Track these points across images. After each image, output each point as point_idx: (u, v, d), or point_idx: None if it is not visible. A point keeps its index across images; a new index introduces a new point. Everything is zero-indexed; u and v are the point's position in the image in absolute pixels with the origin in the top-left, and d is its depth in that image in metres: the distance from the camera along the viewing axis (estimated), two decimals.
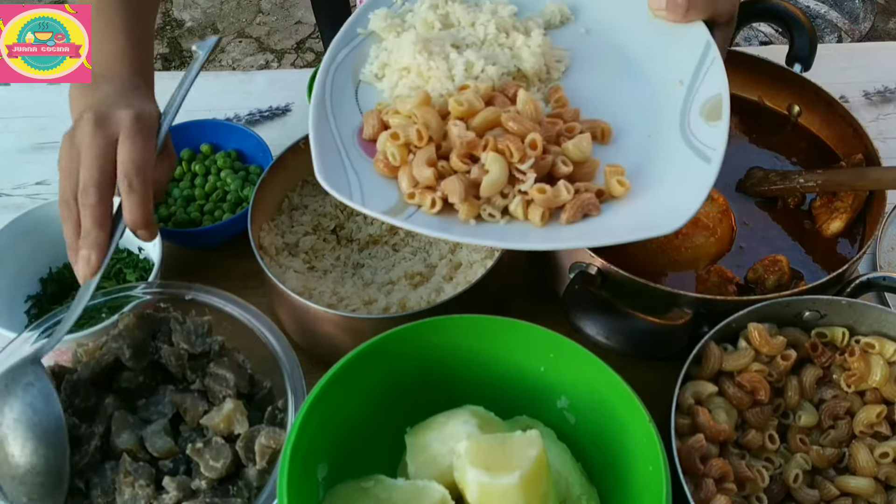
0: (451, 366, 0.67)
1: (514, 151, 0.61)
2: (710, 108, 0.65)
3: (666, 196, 0.61)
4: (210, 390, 0.67)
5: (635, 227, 0.59)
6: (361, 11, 0.74)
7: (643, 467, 0.59)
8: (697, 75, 0.67)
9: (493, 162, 0.61)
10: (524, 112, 0.65)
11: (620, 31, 0.74)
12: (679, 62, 0.69)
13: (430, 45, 0.69)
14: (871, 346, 0.69)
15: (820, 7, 2.22)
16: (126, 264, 0.86)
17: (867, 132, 0.85)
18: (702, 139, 0.64)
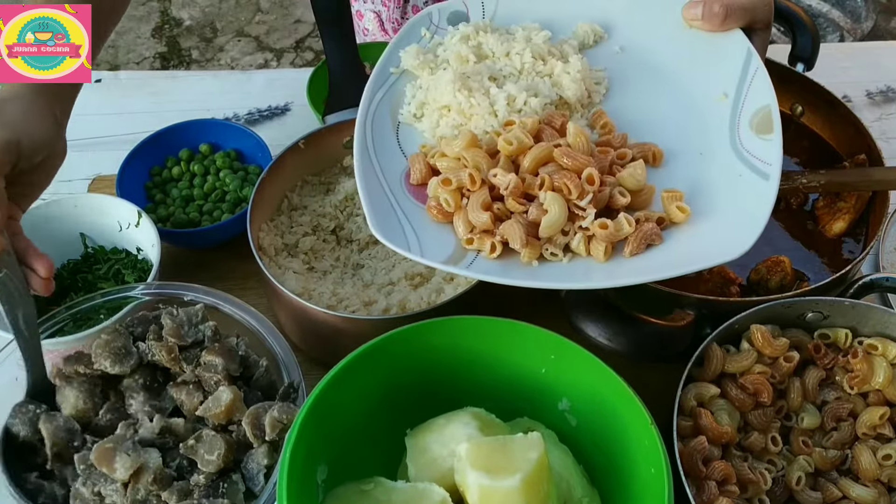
0: (451, 367, 0.66)
1: (571, 189, 0.60)
2: (760, 120, 0.63)
3: (728, 218, 0.60)
4: (202, 379, 0.67)
5: (701, 254, 0.58)
6: (391, 50, 0.73)
7: (645, 469, 0.58)
8: (742, 86, 0.65)
9: (553, 201, 0.60)
10: (575, 145, 0.63)
11: (656, 46, 0.72)
12: (721, 74, 0.67)
13: (468, 81, 0.67)
14: (874, 347, 0.69)
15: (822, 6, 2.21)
16: (125, 265, 0.85)
17: (870, 132, 0.84)
18: (756, 154, 0.62)
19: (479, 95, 0.67)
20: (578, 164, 0.61)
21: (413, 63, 0.71)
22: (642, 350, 0.71)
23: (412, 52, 0.72)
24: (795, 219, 0.84)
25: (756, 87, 0.64)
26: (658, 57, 0.71)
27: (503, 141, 0.64)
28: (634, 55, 0.73)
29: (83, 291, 0.83)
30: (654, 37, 0.72)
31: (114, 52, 2.60)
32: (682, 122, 0.67)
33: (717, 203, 0.61)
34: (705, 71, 0.68)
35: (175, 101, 1.10)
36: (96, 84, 1.12)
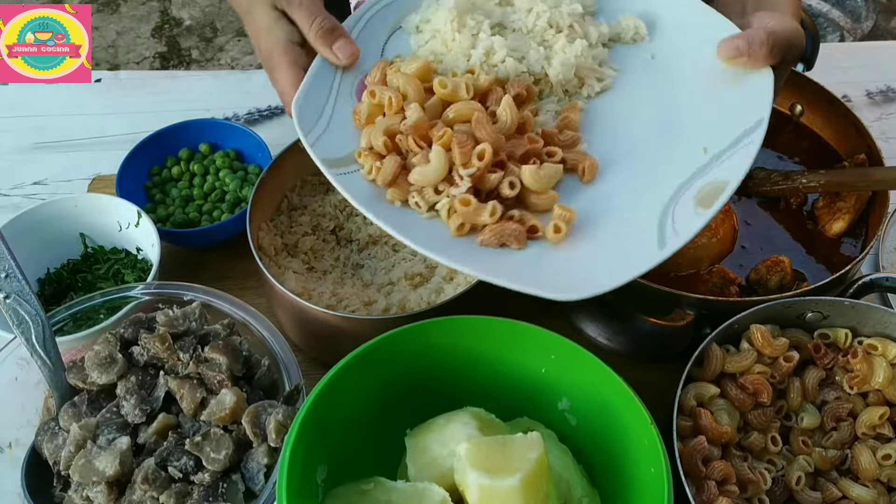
0: (451, 367, 0.66)
1: (458, 154, 0.58)
2: (710, 191, 0.59)
3: (591, 262, 0.57)
4: (204, 376, 0.67)
5: (534, 278, 0.55)
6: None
7: (645, 469, 0.58)
8: (726, 152, 0.61)
9: (437, 156, 0.59)
10: (499, 118, 0.61)
11: (683, 69, 0.68)
12: (719, 127, 0.63)
13: (464, 16, 0.66)
14: (873, 347, 0.69)
15: (822, 6, 2.21)
16: (124, 265, 0.85)
17: (870, 132, 0.84)
18: (676, 221, 0.58)
19: (466, 34, 0.66)
20: (481, 136, 0.59)
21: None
22: (642, 350, 0.71)
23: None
24: (795, 219, 0.84)
25: (736, 158, 0.60)
26: (677, 81, 0.68)
27: (438, 82, 0.62)
28: (658, 69, 0.69)
29: (83, 291, 0.83)
30: (686, 60, 0.68)
31: (114, 51, 2.60)
32: (649, 155, 0.63)
33: (598, 243, 0.58)
34: (708, 117, 0.64)
35: (175, 100, 1.10)
36: (96, 84, 1.12)
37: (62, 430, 0.66)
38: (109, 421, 0.65)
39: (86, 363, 0.67)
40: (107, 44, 2.62)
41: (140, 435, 0.65)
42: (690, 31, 0.70)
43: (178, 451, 0.63)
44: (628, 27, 0.71)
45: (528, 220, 0.59)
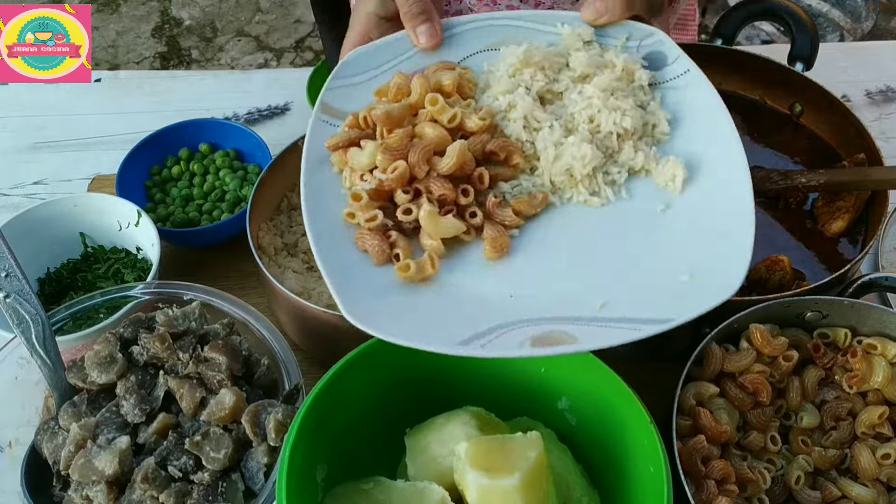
0: (451, 367, 0.66)
1: (380, 157, 0.61)
2: (554, 339, 0.55)
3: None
4: (204, 376, 0.67)
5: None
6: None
7: (644, 468, 0.58)
8: (618, 320, 0.57)
9: (369, 146, 0.63)
10: (446, 154, 0.63)
11: (675, 236, 0.61)
12: (637, 298, 0.58)
13: (527, 67, 0.67)
14: (873, 346, 0.69)
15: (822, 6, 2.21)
16: (124, 265, 0.85)
17: (869, 131, 0.84)
18: (494, 341, 0.55)
19: (514, 82, 0.67)
20: (411, 158, 0.61)
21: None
22: (642, 350, 0.71)
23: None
24: (795, 218, 0.84)
25: (609, 332, 0.56)
26: (658, 243, 0.61)
27: (432, 99, 0.64)
28: (656, 224, 0.62)
29: (83, 291, 0.83)
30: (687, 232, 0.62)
31: (113, 51, 2.60)
32: (557, 270, 0.61)
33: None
34: (636, 284, 0.59)
35: (175, 100, 1.10)
36: (96, 84, 1.12)
37: (62, 429, 0.66)
38: (109, 420, 0.65)
39: (86, 363, 0.67)
40: (107, 44, 2.62)
41: (140, 435, 0.65)
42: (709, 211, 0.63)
43: (178, 451, 0.63)
44: (665, 173, 0.64)
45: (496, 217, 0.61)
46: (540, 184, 0.65)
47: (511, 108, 0.67)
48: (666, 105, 0.67)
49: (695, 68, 0.66)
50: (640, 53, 0.69)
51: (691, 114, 0.66)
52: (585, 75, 0.67)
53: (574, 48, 0.69)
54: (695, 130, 0.66)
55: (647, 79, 0.67)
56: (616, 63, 0.67)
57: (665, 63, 0.68)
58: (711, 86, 0.65)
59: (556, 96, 0.68)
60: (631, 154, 0.65)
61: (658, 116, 0.66)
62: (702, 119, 0.65)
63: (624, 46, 0.69)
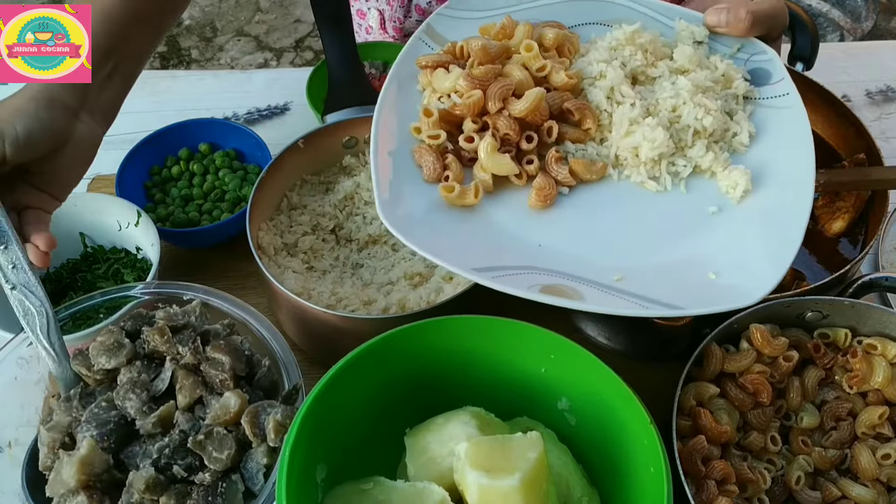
0: (451, 367, 0.66)
1: (464, 83, 0.64)
2: (556, 290, 0.58)
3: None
4: (207, 374, 0.67)
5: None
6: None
7: (644, 469, 0.58)
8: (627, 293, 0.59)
9: (454, 73, 0.66)
10: (524, 97, 0.65)
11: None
12: (661, 287, 0.59)
13: (630, 44, 0.70)
14: (873, 347, 0.69)
15: (822, 6, 2.21)
16: (124, 265, 0.85)
17: (869, 131, 0.85)
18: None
19: (614, 54, 0.68)
20: (491, 90, 0.64)
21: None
22: (641, 349, 0.71)
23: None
24: None
25: (613, 301, 0.58)
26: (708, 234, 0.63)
27: (530, 57, 0.66)
28: (701, 219, 0.65)
29: (82, 291, 0.83)
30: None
31: None
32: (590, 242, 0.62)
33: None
34: (656, 276, 0.61)
35: (174, 100, 1.10)
36: None
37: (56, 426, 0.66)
38: (94, 417, 0.64)
39: (90, 352, 0.67)
40: None
41: (139, 424, 0.65)
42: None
43: (182, 450, 0.63)
44: (730, 179, 0.65)
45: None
46: (605, 154, 0.67)
47: (601, 77, 0.68)
48: (755, 119, 0.68)
49: (795, 94, 0.67)
50: (747, 66, 0.69)
51: (776, 134, 0.67)
52: (685, 70, 0.68)
53: (684, 43, 0.70)
54: (774, 150, 0.66)
55: (743, 89, 0.68)
56: (718, 66, 0.68)
57: (768, 81, 0.69)
58: (805, 114, 0.65)
59: (649, 80, 0.69)
60: (701, 152, 0.66)
61: (742, 126, 0.67)
62: (785, 142, 0.66)
63: (733, 56, 0.70)
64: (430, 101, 0.67)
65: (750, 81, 0.69)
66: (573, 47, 0.71)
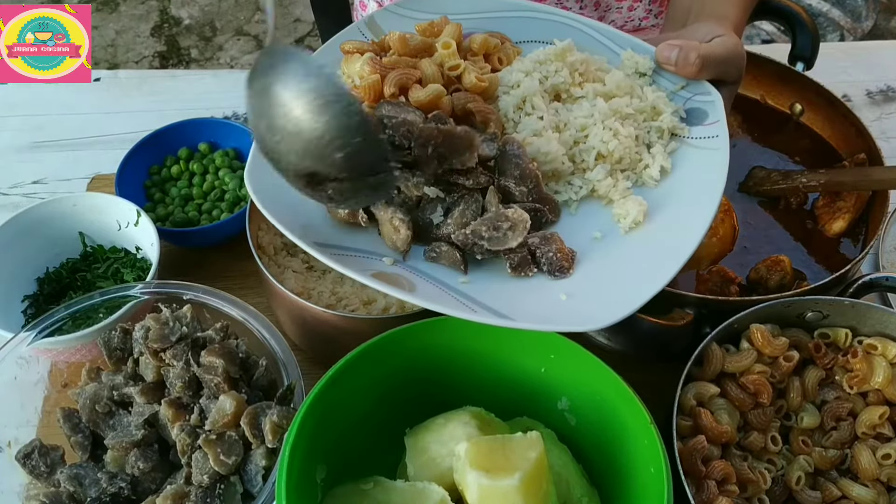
0: (451, 367, 0.66)
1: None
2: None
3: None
4: (202, 380, 0.67)
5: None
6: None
7: (644, 469, 0.58)
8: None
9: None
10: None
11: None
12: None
13: (560, 60, 0.69)
14: (873, 347, 0.69)
15: (822, 5, 2.21)
16: (123, 264, 0.85)
17: (870, 131, 0.84)
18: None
19: (538, 70, 0.68)
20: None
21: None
22: (642, 349, 0.71)
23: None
24: (795, 218, 0.84)
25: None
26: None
27: (443, 44, 0.67)
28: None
29: (82, 290, 0.83)
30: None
31: (113, 50, 2.60)
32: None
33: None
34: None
35: (174, 99, 1.10)
36: (95, 83, 1.12)
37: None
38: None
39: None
40: (106, 43, 2.62)
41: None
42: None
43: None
44: (623, 208, 0.63)
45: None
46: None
47: (516, 86, 0.67)
48: (676, 156, 0.66)
49: (724, 137, 0.65)
50: (687, 105, 0.68)
51: (690, 174, 0.65)
52: (612, 95, 0.68)
53: (624, 71, 0.69)
54: (681, 189, 0.64)
55: (669, 124, 0.66)
56: (648, 97, 0.67)
57: (702, 121, 0.67)
58: (726, 160, 0.63)
59: (571, 99, 0.69)
60: (600, 176, 0.64)
61: (655, 160, 0.65)
62: (695, 184, 0.64)
63: (675, 93, 0.69)
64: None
65: (684, 119, 0.67)
66: (507, 58, 0.71)
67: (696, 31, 0.70)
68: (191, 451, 0.64)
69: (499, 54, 0.71)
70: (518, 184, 0.62)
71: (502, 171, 0.62)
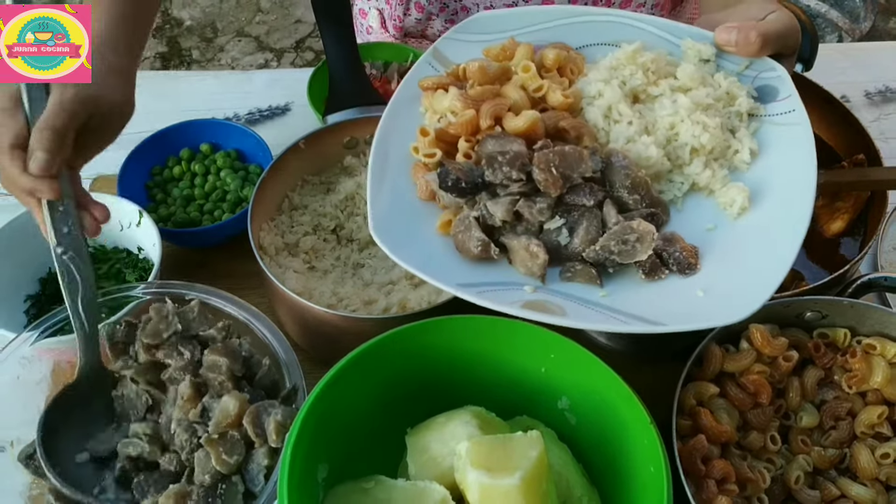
0: (451, 366, 0.66)
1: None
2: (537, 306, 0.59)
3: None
4: (206, 379, 0.67)
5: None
6: None
7: (644, 468, 0.58)
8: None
9: (453, 92, 0.68)
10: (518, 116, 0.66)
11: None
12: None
13: (633, 63, 0.69)
14: (872, 347, 0.69)
15: (820, 6, 2.21)
16: (125, 264, 0.85)
17: (868, 132, 0.85)
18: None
19: (614, 74, 0.68)
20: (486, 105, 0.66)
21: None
22: (642, 349, 0.72)
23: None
24: None
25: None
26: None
27: (528, 77, 0.67)
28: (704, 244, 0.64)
29: None
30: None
31: None
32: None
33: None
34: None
35: (175, 101, 1.11)
36: None
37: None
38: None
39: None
40: None
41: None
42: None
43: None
44: (728, 196, 0.64)
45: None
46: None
47: (599, 96, 0.68)
48: (759, 136, 0.67)
49: (801, 110, 0.66)
50: (755, 83, 0.69)
51: (779, 151, 0.66)
52: (687, 88, 0.68)
53: (689, 61, 0.70)
54: (775, 167, 0.65)
55: (746, 106, 0.67)
56: (721, 84, 0.68)
57: (774, 98, 0.68)
58: (811, 132, 0.64)
59: (650, 99, 0.69)
60: (699, 169, 0.66)
61: (743, 144, 0.66)
62: (787, 159, 0.65)
63: (741, 73, 0.69)
64: (430, 121, 0.68)
65: (756, 98, 0.68)
66: (577, 68, 0.71)
67: (747, 10, 0.69)
68: (190, 448, 0.64)
69: (570, 65, 0.71)
70: (631, 193, 0.63)
71: (612, 182, 0.63)
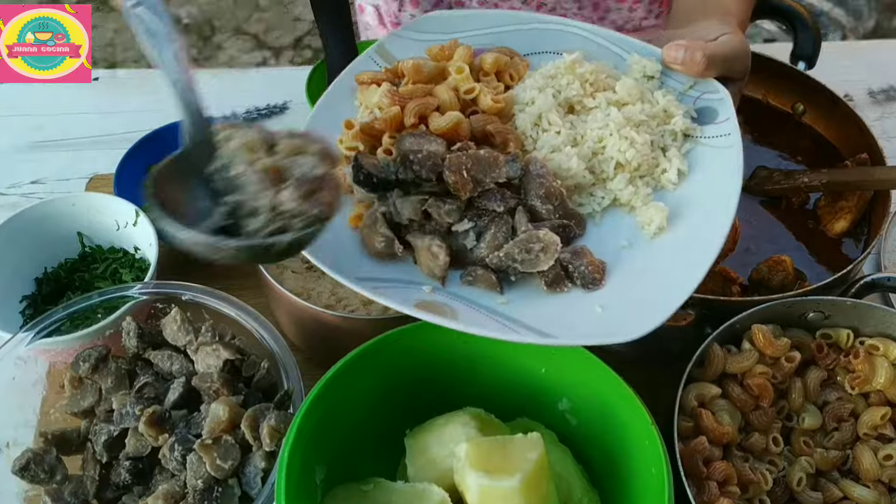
0: (451, 367, 0.66)
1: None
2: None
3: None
4: (200, 388, 0.67)
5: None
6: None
7: (645, 470, 0.58)
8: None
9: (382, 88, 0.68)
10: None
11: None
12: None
13: (571, 73, 0.69)
14: (875, 347, 0.69)
15: (824, 4, 2.21)
16: (122, 264, 0.85)
17: (872, 131, 0.84)
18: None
19: (549, 84, 0.68)
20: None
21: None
22: (642, 350, 0.71)
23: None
24: (797, 218, 0.84)
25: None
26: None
27: (456, 68, 0.68)
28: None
29: (80, 291, 0.83)
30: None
31: (111, 50, 2.60)
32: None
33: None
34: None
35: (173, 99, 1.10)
36: (94, 82, 1.12)
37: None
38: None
39: None
40: (104, 42, 2.61)
41: None
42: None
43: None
44: (647, 215, 0.63)
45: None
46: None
47: (531, 103, 0.67)
48: (691, 157, 0.67)
49: (736, 134, 0.65)
50: (696, 104, 0.69)
51: (707, 174, 0.65)
52: (624, 102, 0.68)
53: (632, 76, 0.70)
54: (701, 190, 0.65)
55: (681, 126, 0.67)
56: (659, 101, 0.68)
57: (713, 120, 0.68)
58: (740, 156, 0.64)
59: (585, 110, 0.69)
60: (622, 185, 0.65)
61: (672, 163, 0.66)
62: (713, 182, 0.64)
63: (685, 93, 0.69)
64: (361, 116, 0.68)
65: (695, 119, 0.68)
66: (517, 73, 0.71)
67: (701, 29, 0.70)
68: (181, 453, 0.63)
69: (510, 70, 0.71)
70: (544, 202, 0.62)
71: (527, 190, 0.63)
